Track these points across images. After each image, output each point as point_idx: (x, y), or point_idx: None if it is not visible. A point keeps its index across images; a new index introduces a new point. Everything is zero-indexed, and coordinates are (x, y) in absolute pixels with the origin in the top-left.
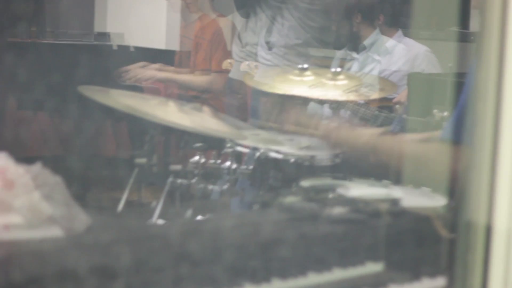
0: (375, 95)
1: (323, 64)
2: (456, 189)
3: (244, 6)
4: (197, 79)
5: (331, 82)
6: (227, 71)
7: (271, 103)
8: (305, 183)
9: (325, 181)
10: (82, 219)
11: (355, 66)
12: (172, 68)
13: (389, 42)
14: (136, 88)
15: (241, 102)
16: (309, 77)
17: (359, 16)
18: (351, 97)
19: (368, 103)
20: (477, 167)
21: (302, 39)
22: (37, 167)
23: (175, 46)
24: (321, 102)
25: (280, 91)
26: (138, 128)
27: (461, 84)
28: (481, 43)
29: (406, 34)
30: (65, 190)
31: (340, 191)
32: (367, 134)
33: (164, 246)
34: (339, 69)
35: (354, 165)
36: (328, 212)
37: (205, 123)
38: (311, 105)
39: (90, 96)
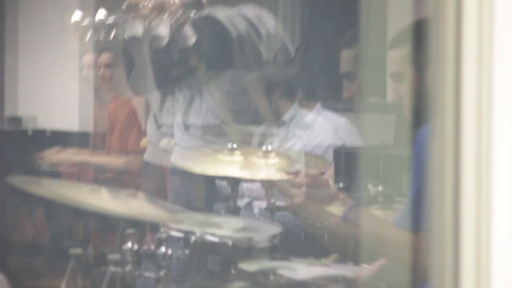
0: (308, 171)
1: (243, 141)
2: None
3: (163, 86)
4: (113, 161)
5: (262, 161)
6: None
7: None
8: (247, 266)
9: (266, 263)
10: None
11: (275, 142)
12: (86, 151)
13: (309, 116)
14: (53, 173)
15: (159, 184)
16: (238, 156)
17: (277, 93)
18: (284, 175)
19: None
20: (440, 248)
21: (221, 119)
22: None
23: (88, 127)
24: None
25: (211, 172)
26: (56, 214)
27: (390, 157)
28: (435, 113)
29: (325, 107)
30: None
31: (286, 273)
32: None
33: None
34: (269, 147)
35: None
36: None
37: (140, 209)
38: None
39: (21, 186)
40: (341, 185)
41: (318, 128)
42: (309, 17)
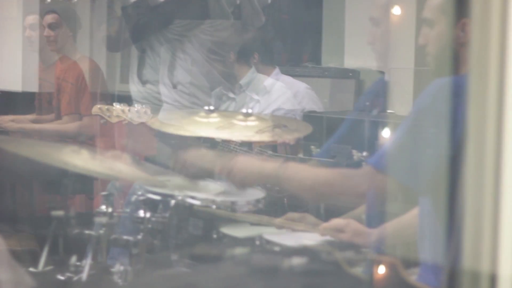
0: (289, 135)
1: None
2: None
3: (140, 41)
4: (66, 127)
5: (241, 123)
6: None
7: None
8: (232, 231)
9: (250, 228)
10: (27, 282)
11: (232, 106)
12: (36, 117)
13: (267, 81)
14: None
15: (144, 145)
16: (216, 118)
17: (232, 55)
18: (265, 138)
19: (250, 143)
20: (477, 212)
21: (206, 74)
22: None
23: (32, 88)
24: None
25: (187, 133)
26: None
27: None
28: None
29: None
30: (7, 252)
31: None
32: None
33: None
34: (249, 110)
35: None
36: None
37: (123, 170)
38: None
39: (1, 146)
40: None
41: (277, 92)
42: None
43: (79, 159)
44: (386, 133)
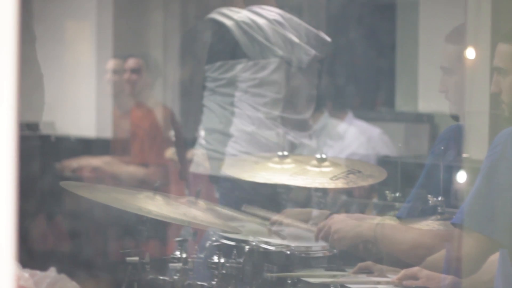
0: (364, 181)
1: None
2: None
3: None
4: (135, 170)
5: (316, 169)
6: (168, 163)
7: None
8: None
9: (324, 274)
10: None
11: (305, 152)
12: (108, 158)
13: (341, 126)
14: (77, 179)
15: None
16: (289, 164)
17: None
18: (340, 184)
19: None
20: None
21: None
22: (52, 272)
23: (106, 134)
24: None
25: (261, 179)
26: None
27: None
28: None
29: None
30: None
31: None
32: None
33: None
34: (323, 155)
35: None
36: None
37: (198, 216)
38: None
39: (76, 192)
40: (397, 194)
41: (350, 138)
42: (339, 24)
43: (154, 205)
44: (462, 178)
